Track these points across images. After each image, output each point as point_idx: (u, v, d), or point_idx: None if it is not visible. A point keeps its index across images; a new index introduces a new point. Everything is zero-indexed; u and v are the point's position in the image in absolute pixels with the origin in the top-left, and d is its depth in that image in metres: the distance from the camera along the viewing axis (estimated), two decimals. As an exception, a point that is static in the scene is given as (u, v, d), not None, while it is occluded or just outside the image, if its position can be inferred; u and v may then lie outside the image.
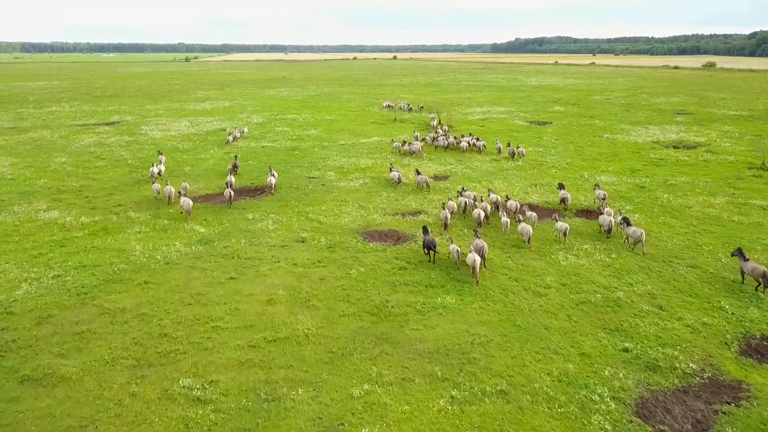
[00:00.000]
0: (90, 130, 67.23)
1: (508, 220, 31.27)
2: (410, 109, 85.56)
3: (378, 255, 27.73)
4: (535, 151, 53.82)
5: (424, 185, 40.10)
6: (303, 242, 29.73)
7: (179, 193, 36.91)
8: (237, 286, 24.26)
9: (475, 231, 28.36)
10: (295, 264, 26.58)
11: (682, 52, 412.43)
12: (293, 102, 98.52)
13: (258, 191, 40.42)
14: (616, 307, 22.29)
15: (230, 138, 60.04)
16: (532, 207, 35.75)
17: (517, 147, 52.16)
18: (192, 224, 32.54)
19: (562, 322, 21.26)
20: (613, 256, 27.59)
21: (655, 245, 28.95)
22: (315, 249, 28.65)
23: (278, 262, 26.90)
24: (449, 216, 31.95)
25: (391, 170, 43.05)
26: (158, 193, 38.20)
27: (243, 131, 63.27)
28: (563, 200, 35.67)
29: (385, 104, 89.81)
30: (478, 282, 24.45)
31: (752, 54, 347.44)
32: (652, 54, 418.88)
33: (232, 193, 36.91)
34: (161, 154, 50.54)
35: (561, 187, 36.77)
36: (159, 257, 27.54)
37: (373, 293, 23.51)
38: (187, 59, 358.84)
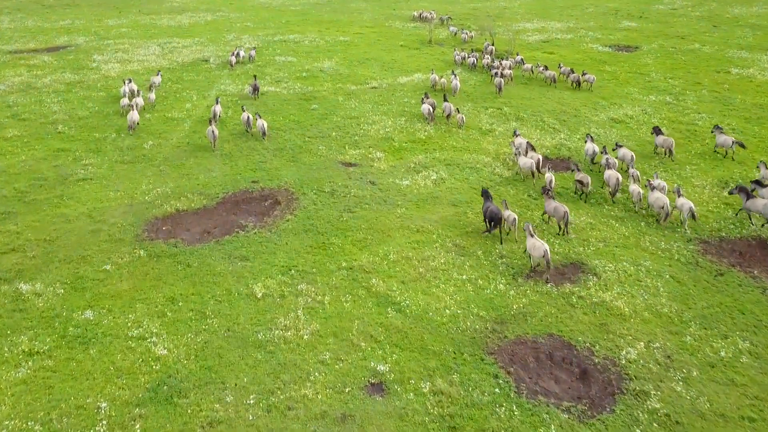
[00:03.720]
0: (22, 63, 47.75)
1: (639, 189, 21.73)
2: (442, 21, 66.12)
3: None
4: (660, 100, 36.02)
5: (459, 119, 30.73)
6: (381, 395, 13.16)
7: (130, 106, 31.67)
8: None
9: (546, 190, 21.01)
10: None
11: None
12: (291, 14, 77.53)
13: (267, 200, 23.17)
14: None
15: (233, 59, 45.03)
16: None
17: (583, 73, 38.76)
18: (143, 320, 15.67)
19: None
20: None
21: None
22: (420, 433, 12.13)
23: None
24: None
25: (423, 102, 32.53)
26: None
27: (251, 55, 47.50)
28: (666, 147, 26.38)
29: (416, 13, 70.00)
30: (549, 281, 17.09)
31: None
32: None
33: (216, 132, 27.95)
34: (159, 74, 39.73)
35: (657, 131, 26.98)
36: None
37: None
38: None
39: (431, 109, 31.61)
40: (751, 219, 20.51)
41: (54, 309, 16.16)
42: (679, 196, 20.31)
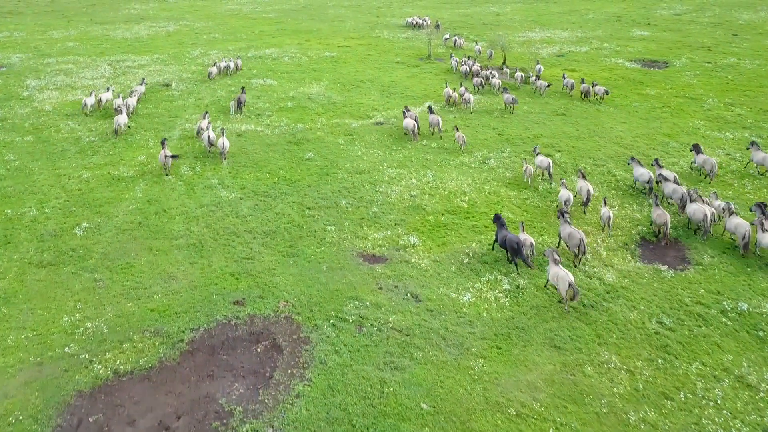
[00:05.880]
0: (-65, 90, 37.96)
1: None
2: (438, 27, 57.99)
3: None
4: (740, 138, 28.53)
5: (458, 138, 26.42)
6: None
7: (120, 108, 29.16)
8: None
9: (562, 213, 17.77)
10: None
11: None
12: (265, 23, 68.36)
13: (260, 341, 14.59)
14: None
15: (214, 70, 39.08)
16: None
17: (594, 84, 34.86)
18: None
19: None
20: None
21: None
22: None
23: None
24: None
25: (404, 115, 28.91)
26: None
27: (237, 64, 41.85)
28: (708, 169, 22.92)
29: (409, 20, 62.45)
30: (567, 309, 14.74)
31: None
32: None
33: (169, 158, 23.50)
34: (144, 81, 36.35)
35: (697, 149, 23.56)
36: None
37: None
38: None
39: (415, 125, 27.84)
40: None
41: None
42: (763, 231, 17.69)
